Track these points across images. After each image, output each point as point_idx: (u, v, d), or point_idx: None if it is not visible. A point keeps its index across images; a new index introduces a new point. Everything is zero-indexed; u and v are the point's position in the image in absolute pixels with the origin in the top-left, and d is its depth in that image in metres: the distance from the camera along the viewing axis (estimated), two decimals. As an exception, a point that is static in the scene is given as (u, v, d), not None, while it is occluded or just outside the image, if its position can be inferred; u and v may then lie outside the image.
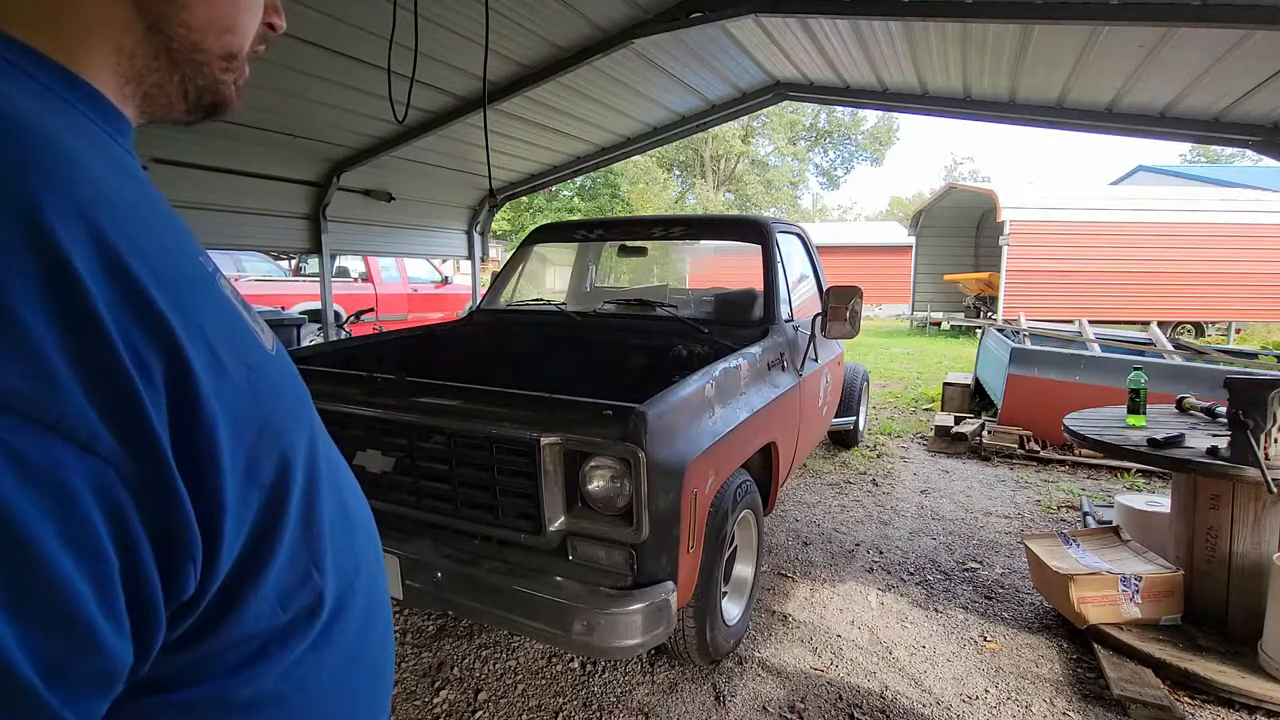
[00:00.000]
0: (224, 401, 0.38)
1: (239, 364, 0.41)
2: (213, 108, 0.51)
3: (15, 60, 0.38)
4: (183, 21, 0.44)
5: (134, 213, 0.37)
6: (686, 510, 1.80)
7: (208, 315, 0.39)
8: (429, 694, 2.14)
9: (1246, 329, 13.07)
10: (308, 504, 0.46)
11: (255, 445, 0.41)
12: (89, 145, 0.39)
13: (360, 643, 0.52)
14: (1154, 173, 18.95)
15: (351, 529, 0.53)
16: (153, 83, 0.46)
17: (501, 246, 18.01)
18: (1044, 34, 3.70)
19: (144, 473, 0.34)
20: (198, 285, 0.40)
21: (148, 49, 0.44)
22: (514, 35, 4.06)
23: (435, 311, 9.55)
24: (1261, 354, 5.90)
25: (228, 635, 0.41)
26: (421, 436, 1.93)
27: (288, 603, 0.44)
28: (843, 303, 2.76)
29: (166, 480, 0.35)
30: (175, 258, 0.39)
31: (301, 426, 0.47)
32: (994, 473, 4.48)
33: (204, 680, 0.41)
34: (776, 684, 2.20)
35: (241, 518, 0.40)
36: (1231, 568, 2.30)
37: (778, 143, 29.77)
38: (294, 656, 0.45)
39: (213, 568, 0.38)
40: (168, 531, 0.35)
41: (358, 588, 0.52)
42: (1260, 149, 4.30)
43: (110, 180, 0.38)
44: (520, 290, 3.72)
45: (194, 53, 0.46)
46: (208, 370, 0.37)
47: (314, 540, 0.46)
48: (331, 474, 0.51)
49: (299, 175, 5.29)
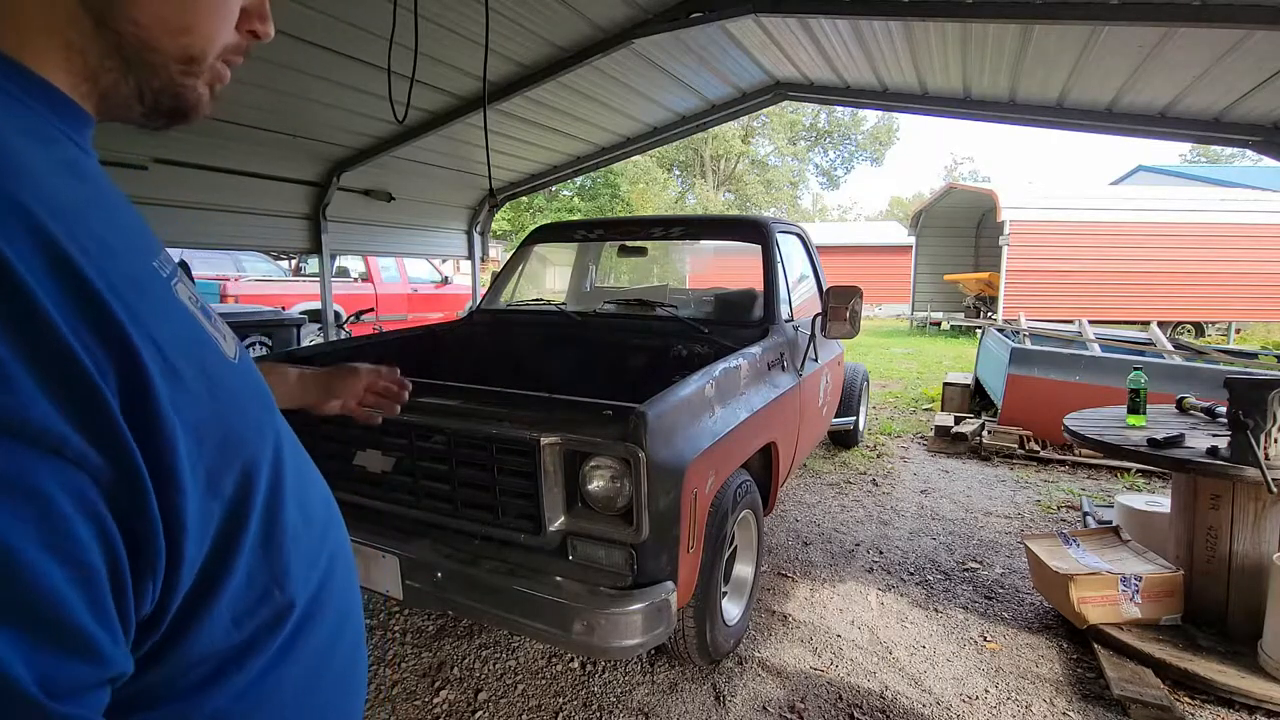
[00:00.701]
0: (181, 411, 0.37)
1: (197, 373, 0.39)
2: (174, 113, 0.49)
3: None
4: (130, 18, 0.42)
5: (79, 214, 0.36)
6: (686, 510, 1.80)
7: (160, 321, 0.38)
8: (429, 694, 2.14)
9: (1246, 329, 13.07)
10: (269, 517, 0.44)
11: (216, 458, 0.40)
12: (37, 143, 0.38)
13: (327, 654, 0.51)
14: (1154, 173, 18.96)
15: (319, 538, 0.51)
16: (108, 83, 0.44)
17: (501, 246, 18.00)
18: (1044, 34, 3.70)
19: (117, 478, 0.32)
20: (149, 289, 0.39)
21: (99, 47, 0.42)
22: (514, 35, 4.06)
23: (435, 311, 9.55)
24: (1261, 354, 5.90)
25: (185, 655, 0.39)
26: (421, 436, 1.93)
27: (244, 621, 0.43)
28: (843, 303, 2.76)
29: (139, 486, 0.33)
30: (123, 260, 0.38)
31: (265, 437, 0.45)
32: (994, 473, 4.48)
33: (161, 703, 0.39)
34: (776, 684, 2.20)
35: (203, 533, 0.38)
36: (1231, 568, 2.30)
37: (778, 143, 29.77)
38: (252, 675, 0.43)
39: (174, 585, 0.37)
40: (136, 540, 0.34)
41: (324, 598, 0.50)
42: (1260, 149, 4.30)
43: (57, 180, 0.37)
44: (520, 290, 3.71)
45: (146, 53, 0.44)
46: (163, 378, 0.36)
47: (275, 554, 0.45)
48: (297, 482, 0.49)
49: (299, 175, 5.29)
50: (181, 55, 0.45)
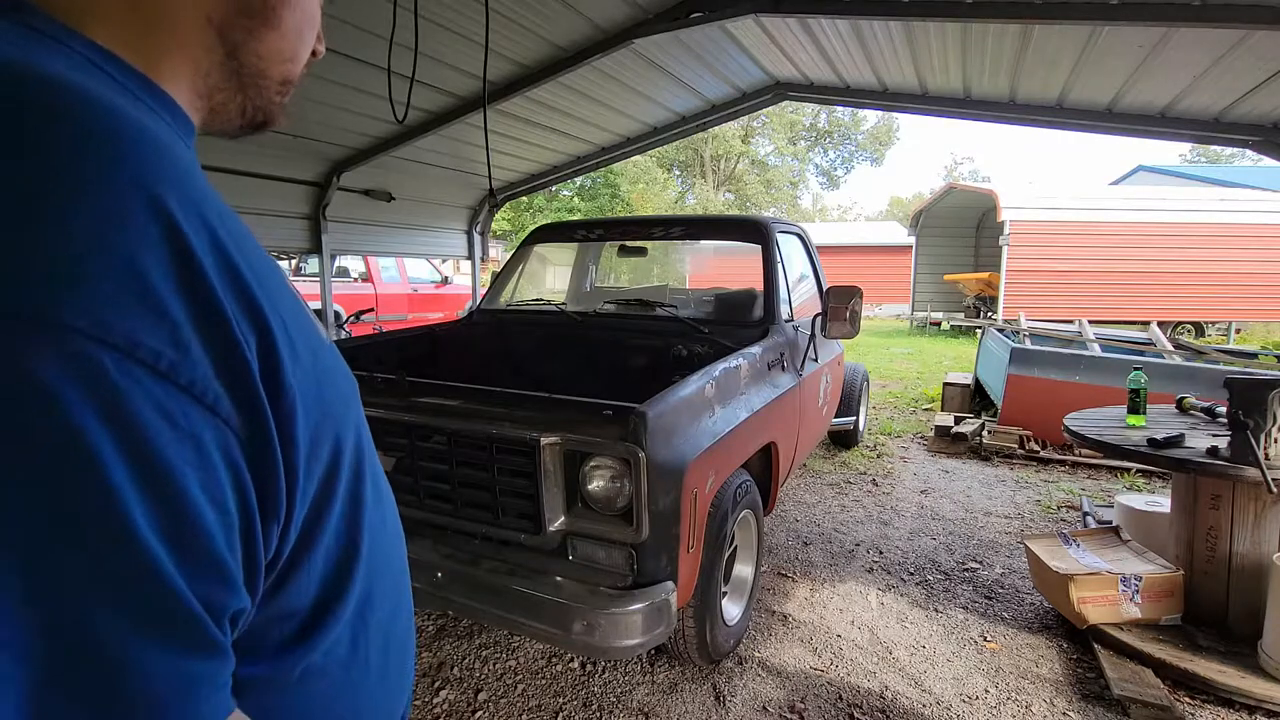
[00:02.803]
0: (299, 381, 0.41)
1: (307, 350, 0.44)
2: (262, 126, 0.56)
3: (105, 67, 0.41)
4: (255, 51, 0.49)
5: (220, 209, 0.41)
6: (686, 510, 1.80)
7: (284, 302, 0.43)
8: (429, 694, 2.14)
9: (1246, 329, 13.08)
10: (355, 485, 0.49)
11: (318, 425, 0.44)
12: (178, 146, 0.43)
13: (388, 630, 0.55)
14: (1154, 173, 18.95)
15: (384, 519, 0.56)
16: (219, 100, 0.50)
17: (501, 246, 18.00)
18: (1044, 34, 3.70)
19: (254, 438, 0.37)
20: (273, 275, 0.44)
21: (222, 71, 0.48)
22: (514, 35, 4.06)
23: (435, 311, 9.56)
24: (1261, 354, 5.89)
25: (282, 604, 0.44)
26: (422, 436, 1.93)
27: (330, 576, 0.47)
28: (843, 303, 2.76)
29: (270, 447, 0.38)
30: (252, 250, 0.43)
31: (351, 414, 0.50)
32: (994, 473, 4.48)
33: (264, 658, 0.43)
34: (776, 684, 2.20)
35: (305, 492, 0.43)
36: (1231, 568, 2.30)
37: (778, 143, 29.77)
38: (334, 633, 0.48)
39: (287, 535, 0.42)
40: (266, 493, 0.39)
41: (386, 577, 0.55)
42: (1260, 149, 4.30)
43: (201, 179, 0.41)
44: (520, 290, 3.71)
45: (259, 78, 0.50)
46: (288, 351, 0.41)
47: (356, 520, 0.49)
48: (373, 462, 0.55)
49: (299, 175, 5.29)
50: (283, 79, 0.53)
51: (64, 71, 0.36)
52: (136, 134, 0.36)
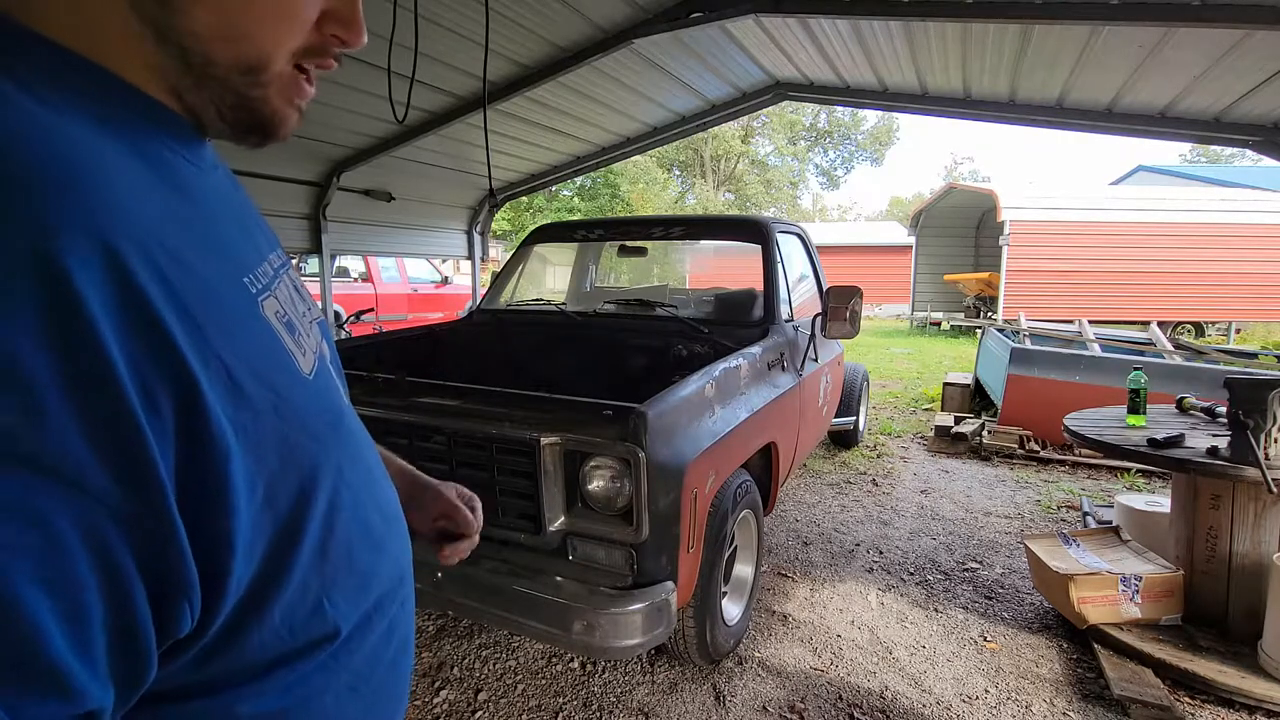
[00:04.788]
0: (242, 429, 0.38)
1: (264, 390, 0.40)
2: (255, 129, 0.47)
3: (63, 67, 0.38)
4: (187, 30, 0.41)
5: (165, 238, 0.36)
6: (686, 510, 1.80)
7: (234, 344, 0.39)
8: (429, 694, 2.14)
9: (1246, 329, 13.07)
10: (326, 533, 0.45)
11: (275, 472, 0.40)
12: (133, 159, 0.39)
13: (369, 667, 0.51)
14: (1154, 173, 18.94)
15: (375, 557, 0.52)
16: (191, 101, 0.44)
17: (501, 246, 18.01)
18: (1044, 34, 3.70)
19: (139, 510, 0.33)
20: (227, 307, 0.40)
21: (173, 65, 0.42)
22: (514, 35, 4.06)
23: (435, 311, 9.56)
24: (1261, 354, 5.89)
25: (233, 661, 0.41)
26: (421, 436, 1.93)
27: (297, 631, 0.44)
28: (843, 303, 2.76)
29: (163, 518, 0.34)
30: (205, 281, 0.38)
31: (326, 452, 0.45)
32: (994, 473, 4.48)
33: (202, 696, 0.41)
34: (776, 684, 2.20)
35: (252, 548, 0.39)
36: (1231, 568, 2.30)
37: (778, 143, 29.76)
38: (296, 676, 0.45)
39: (217, 603, 0.38)
40: (163, 570, 0.34)
41: (375, 615, 0.51)
42: (1260, 149, 4.30)
43: (146, 203, 0.37)
44: (520, 290, 3.71)
45: (208, 65, 0.43)
46: (225, 399, 0.37)
47: (328, 570, 0.45)
48: (360, 498, 0.49)
49: (299, 175, 5.29)
50: (240, 65, 0.43)
51: None
52: (29, 172, 0.31)
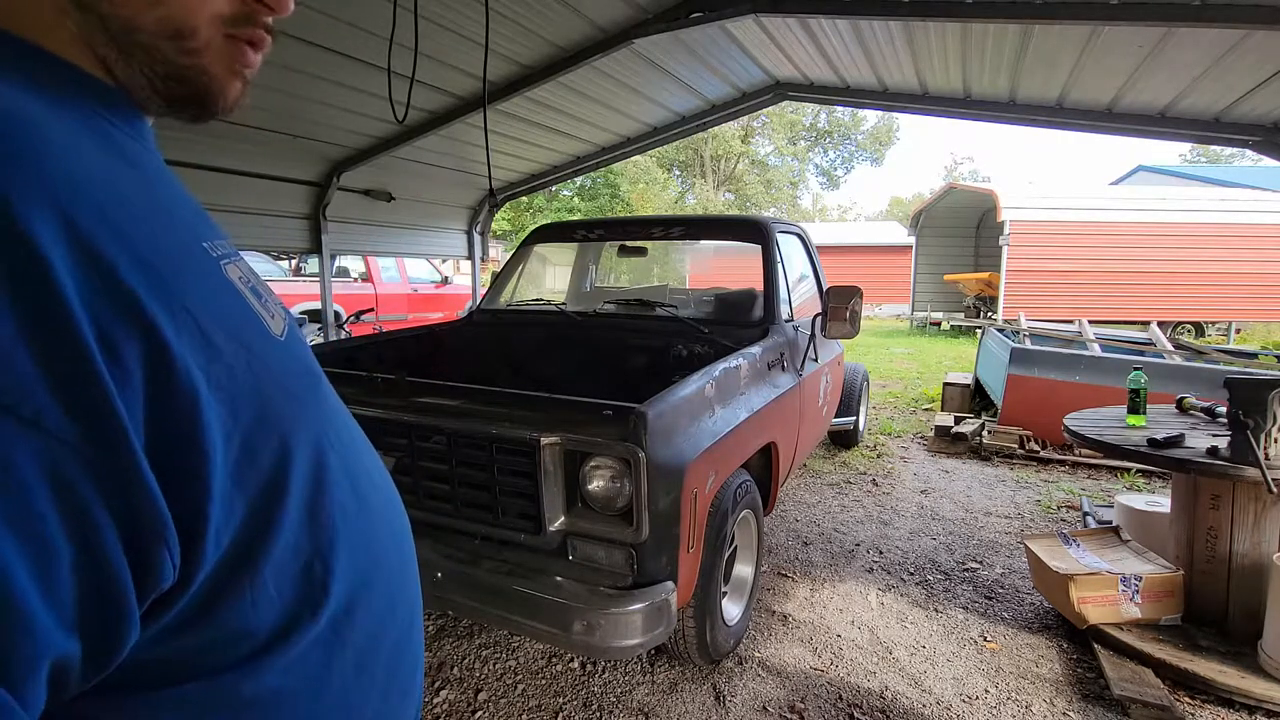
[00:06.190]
0: (215, 381, 0.38)
1: (235, 345, 0.41)
2: (192, 101, 0.46)
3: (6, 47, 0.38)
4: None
5: (118, 199, 0.37)
6: (686, 510, 1.80)
7: (200, 298, 0.39)
8: (429, 694, 2.14)
9: (1246, 329, 13.07)
10: (314, 492, 0.45)
11: (252, 428, 0.40)
12: (79, 131, 0.39)
13: (373, 643, 0.50)
14: (1154, 173, 18.95)
15: (370, 524, 0.52)
16: (122, 75, 0.43)
17: (501, 246, 17.99)
18: (1044, 34, 3.70)
19: (102, 453, 0.33)
20: (189, 268, 0.41)
21: (97, 35, 0.41)
22: (514, 35, 4.05)
23: (435, 311, 9.55)
24: (1261, 354, 5.89)
25: (222, 626, 0.40)
26: (421, 436, 1.93)
27: (287, 595, 0.43)
28: (843, 303, 2.76)
29: (129, 462, 0.34)
30: (162, 242, 0.39)
31: (307, 413, 0.46)
32: (994, 473, 4.48)
33: (201, 676, 0.40)
34: (776, 684, 2.20)
35: (232, 502, 0.39)
36: (1231, 568, 2.30)
37: (778, 143, 29.75)
38: (297, 651, 0.44)
39: (197, 554, 0.37)
40: (133, 511, 0.34)
41: (374, 586, 0.51)
42: (1260, 149, 4.30)
43: (95, 168, 0.38)
44: (520, 290, 3.71)
45: (131, 32, 0.41)
46: (195, 350, 0.37)
47: (319, 532, 0.45)
48: (349, 464, 0.50)
49: (299, 175, 5.28)
50: (164, 30, 0.42)
51: None
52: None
